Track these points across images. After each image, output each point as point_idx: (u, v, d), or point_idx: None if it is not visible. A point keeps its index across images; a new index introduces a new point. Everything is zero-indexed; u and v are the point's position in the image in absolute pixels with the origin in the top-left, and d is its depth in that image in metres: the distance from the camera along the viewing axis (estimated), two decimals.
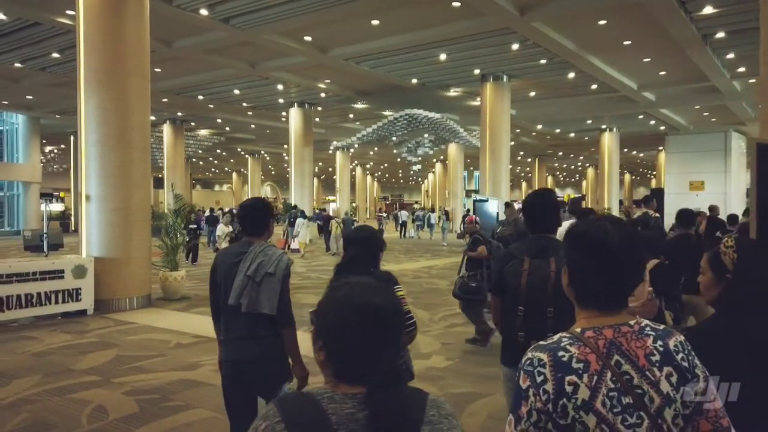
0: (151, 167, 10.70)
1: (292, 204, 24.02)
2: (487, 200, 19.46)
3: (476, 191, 32.42)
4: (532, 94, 22.11)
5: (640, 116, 26.74)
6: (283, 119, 26.94)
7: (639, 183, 71.44)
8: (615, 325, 1.28)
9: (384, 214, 39.79)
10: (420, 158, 26.60)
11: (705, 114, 26.84)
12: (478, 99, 22.40)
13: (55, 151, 42.52)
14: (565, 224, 8.66)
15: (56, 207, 45.19)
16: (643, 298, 2.22)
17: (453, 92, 21.93)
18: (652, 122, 28.34)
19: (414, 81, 20.27)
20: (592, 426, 1.18)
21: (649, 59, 17.38)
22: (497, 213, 19.41)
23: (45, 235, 8.20)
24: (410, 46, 16.01)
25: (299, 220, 20.16)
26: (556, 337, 1.29)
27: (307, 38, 15.69)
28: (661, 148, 39.34)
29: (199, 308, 9.16)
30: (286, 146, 32.76)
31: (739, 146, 30.28)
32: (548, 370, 1.22)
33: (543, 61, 17.48)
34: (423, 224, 27.61)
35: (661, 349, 1.26)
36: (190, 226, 14.55)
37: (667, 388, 1.23)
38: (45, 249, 8.23)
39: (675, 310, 3.69)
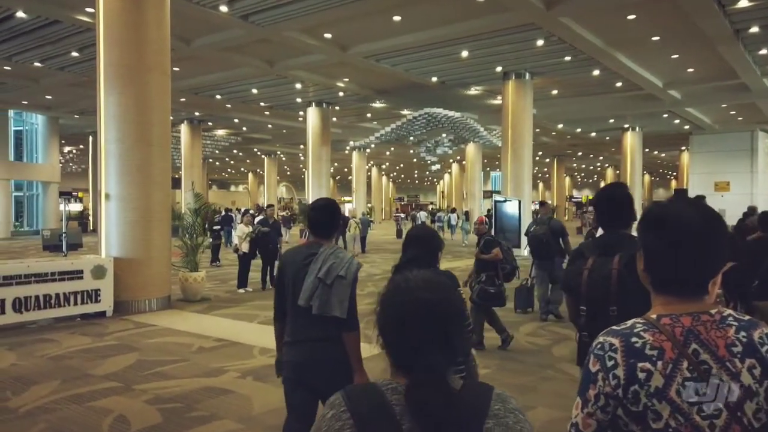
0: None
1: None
2: (509, 200, 19.08)
3: (495, 192, 32.00)
4: (555, 92, 21.66)
5: (665, 115, 26.12)
6: (300, 119, 26.75)
7: (658, 184, 70.38)
8: (694, 313, 1.24)
9: (402, 215, 39.47)
10: (439, 158, 26.20)
11: (732, 113, 26.13)
12: (499, 97, 22.01)
13: (74, 151, 42.82)
14: None
15: (75, 207, 45.60)
16: (711, 299, 2.01)
17: (473, 90, 21.55)
18: (677, 121, 27.70)
19: (434, 79, 19.93)
20: (665, 415, 1.16)
21: (677, 56, 16.88)
22: (519, 213, 19.04)
23: (64, 235, 8.01)
24: (432, 43, 15.67)
25: None
26: (629, 323, 1.26)
27: (327, 35, 15.44)
28: (684, 148, 38.61)
29: (220, 310, 8.92)
30: (302, 146, 32.70)
31: (767, 146, 29.58)
32: (619, 355, 1.20)
33: (567, 58, 17.04)
34: (444, 225, 27.35)
35: (744, 340, 1.21)
36: (214, 227, 14.33)
37: (749, 380, 1.18)
38: (64, 249, 8.07)
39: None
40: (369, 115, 27.42)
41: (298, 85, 21.19)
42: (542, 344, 6.89)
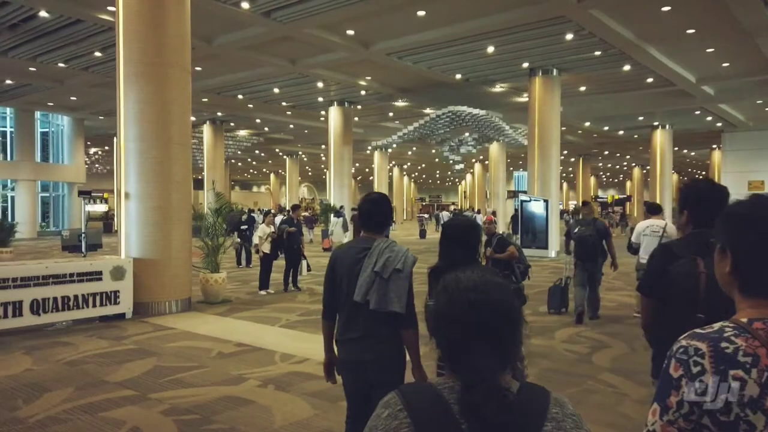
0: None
1: (331, 204, 23.57)
2: (536, 200, 18.59)
3: (521, 191, 31.42)
4: (583, 88, 21.06)
5: (697, 112, 25.31)
6: (322, 119, 26.57)
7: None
8: None
9: (425, 216, 39.06)
10: (462, 157, 25.75)
11: (767, 109, 25.18)
12: (525, 95, 21.50)
13: (99, 152, 43.32)
14: (643, 224, 7.83)
15: (100, 208, 46.11)
16: None
17: (498, 88, 21.07)
18: (709, 118, 26.83)
19: (458, 76, 19.51)
20: (760, 426, 1.09)
21: (712, 49, 16.21)
22: (546, 214, 18.53)
23: (83, 235, 7.85)
24: (457, 38, 15.28)
25: (333, 219, 20.10)
26: (716, 326, 1.17)
27: (350, 32, 15.15)
28: (714, 146, 37.53)
29: (241, 312, 8.67)
30: (323, 146, 32.49)
31: None
32: (707, 361, 1.12)
33: (597, 53, 16.49)
34: None
35: None
36: (241, 227, 14.08)
37: None
38: (83, 249, 7.93)
39: None
40: (391, 114, 27.11)
41: (320, 84, 20.98)
42: (581, 352, 6.47)
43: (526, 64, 18.06)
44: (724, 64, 17.83)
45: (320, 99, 23.78)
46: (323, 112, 25.57)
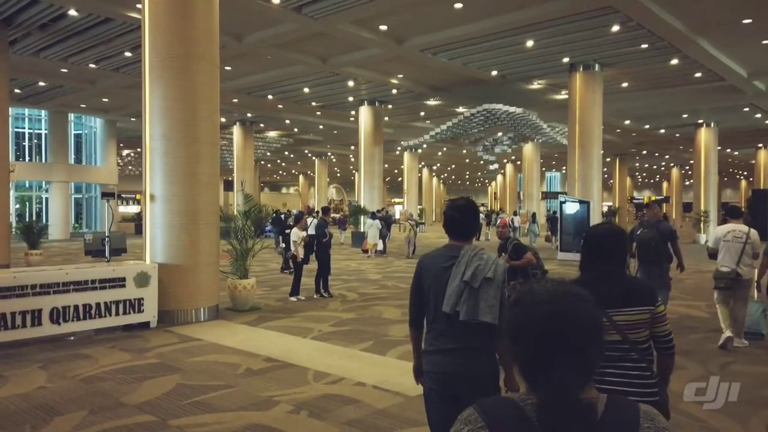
0: (221, 169, 9.82)
1: (361, 205, 23.03)
2: (580, 201, 17.73)
3: (560, 193, 30.39)
4: (625, 85, 20.08)
5: (745, 109, 23.99)
6: (352, 119, 26.10)
7: (726, 184, 66.12)
8: None
9: None
10: (497, 157, 24.94)
11: None
12: (562, 92, 20.65)
13: (132, 154, 43.75)
14: (723, 228, 7.04)
15: (132, 209, 46.55)
16: None
17: (536, 85, 20.24)
18: (758, 115, 25.44)
19: (494, 73, 18.77)
20: None
21: None
22: (588, 215, 17.64)
23: (107, 239, 7.44)
24: (495, 32, 14.57)
25: (368, 221, 19.68)
26: None
27: (383, 27, 14.58)
28: (761, 145, 35.82)
29: (271, 321, 8.15)
30: (353, 147, 32.05)
31: None
32: None
33: (644, 46, 15.56)
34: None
35: None
36: (286, 230, 13.34)
37: None
38: (107, 254, 7.54)
39: None
40: (422, 113, 26.49)
41: (351, 83, 20.48)
42: None
43: (566, 59, 17.23)
44: None
45: (350, 98, 23.31)
46: (353, 112, 25.10)
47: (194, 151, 8.14)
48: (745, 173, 57.15)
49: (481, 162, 37.05)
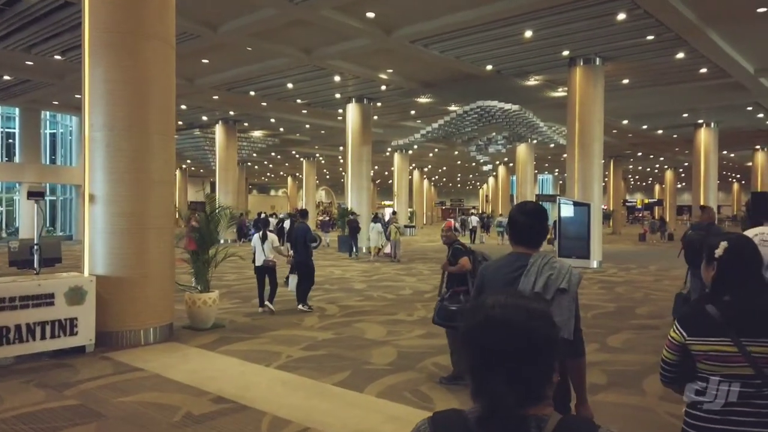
0: (205, 169, 8.61)
1: (349, 208, 21.86)
2: (578, 203, 16.67)
3: (556, 195, 29.47)
4: (625, 81, 19.05)
5: (749, 108, 23.09)
6: (339, 118, 24.94)
7: (719, 187, 65.61)
8: None
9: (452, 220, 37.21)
10: (491, 157, 23.84)
11: None
12: (559, 89, 19.62)
13: None
14: (750, 232, 6.09)
15: None
16: None
17: (532, 81, 19.16)
18: (760, 115, 24.58)
19: (489, 67, 17.66)
20: None
21: None
22: (588, 219, 16.58)
23: (36, 248, 6.22)
24: (491, 21, 13.45)
25: (371, 225, 19.25)
26: None
27: (370, 14, 13.42)
28: (758, 146, 35.07)
29: (232, 344, 6.94)
30: (341, 147, 30.87)
31: None
32: None
33: (650, 37, 14.51)
34: (504, 231, 25.48)
35: None
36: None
37: None
38: (35, 265, 6.37)
39: None
40: (413, 112, 25.35)
41: (337, 78, 19.30)
42: None
43: (566, 52, 16.15)
44: None
45: (337, 95, 22.13)
46: (341, 111, 23.91)
47: (143, 144, 6.92)
48: (738, 176, 56.54)
49: (474, 163, 36.01)
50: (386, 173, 47.68)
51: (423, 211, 53.79)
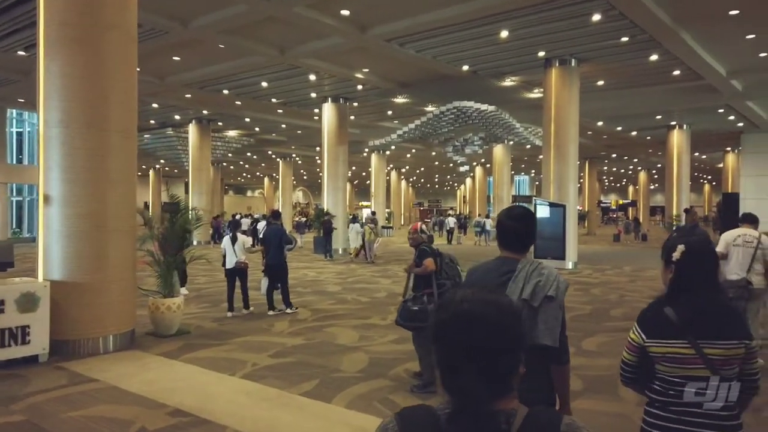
0: (180, 169, 8.28)
1: (325, 209, 21.60)
2: (553, 204, 16.66)
3: (532, 196, 29.56)
4: (601, 83, 19.13)
5: (720, 110, 23.42)
6: (315, 117, 24.63)
7: (691, 188, 66.85)
8: None
9: (429, 221, 37.12)
10: (468, 158, 23.77)
11: None
12: (535, 91, 19.63)
13: None
14: (733, 232, 6.09)
15: None
16: None
17: (508, 82, 19.13)
18: (731, 117, 24.94)
19: (465, 68, 17.57)
20: None
21: (752, 36, 14.30)
22: (564, 220, 16.58)
23: None
24: (468, 20, 13.33)
25: (351, 226, 19.14)
26: None
27: (344, 12, 13.19)
28: (729, 148, 35.71)
29: (197, 351, 6.64)
30: (318, 148, 30.63)
31: None
32: None
33: (625, 39, 14.55)
34: (481, 231, 25.49)
35: None
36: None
37: None
38: None
39: None
40: (390, 112, 25.17)
41: (312, 77, 19.00)
42: None
43: (542, 53, 16.13)
44: (762, 54, 15.93)
45: (313, 94, 21.83)
46: (317, 110, 23.60)
47: (101, 141, 6.58)
48: (709, 177, 57.64)
49: (451, 164, 36.01)
50: (364, 174, 47.46)
51: (401, 211, 53.70)
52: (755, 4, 12.18)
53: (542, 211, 17.13)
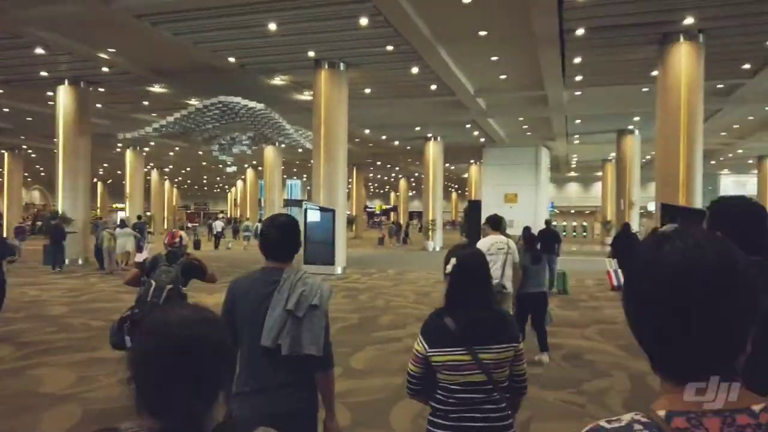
0: None
1: (60, 212, 18.11)
2: (321, 209, 16.33)
3: (303, 200, 29.27)
4: (368, 90, 19.56)
5: (468, 125, 26.07)
6: (51, 103, 20.60)
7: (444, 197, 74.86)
8: (724, 413, 0.80)
9: (192, 225, 34.29)
10: (235, 158, 22.32)
11: (524, 127, 27.24)
12: (306, 93, 19.21)
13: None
14: (486, 241, 6.13)
15: None
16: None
17: (279, 80, 18.35)
18: (476, 133, 28.02)
19: (231, 60, 16.25)
20: None
21: (496, 57, 15.92)
22: (333, 225, 16.36)
23: None
24: (229, 5, 12.14)
25: (118, 230, 16.34)
26: (625, 420, 0.81)
27: None
28: (473, 161, 40.46)
29: None
30: (56, 140, 25.88)
31: (546, 161, 31.82)
32: None
33: (390, 48, 14.91)
34: (251, 235, 24.27)
35: None
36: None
37: None
38: None
39: None
40: (146, 103, 22.38)
41: (41, 51, 15.63)
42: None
43: (311, 53, 15.71)
44: (502, 76, 17.90)
45: (44, 73, 18.14)
46: (51, 93, 19.71)
47: None
48: (457, 186, 65.08)
49: (220, 165, 33.86)
50: (119, 172, 42.09)
51: (164, 215, 49.16)
52: (499, 27, 13.40)
53: (312, 216, 16.70)
